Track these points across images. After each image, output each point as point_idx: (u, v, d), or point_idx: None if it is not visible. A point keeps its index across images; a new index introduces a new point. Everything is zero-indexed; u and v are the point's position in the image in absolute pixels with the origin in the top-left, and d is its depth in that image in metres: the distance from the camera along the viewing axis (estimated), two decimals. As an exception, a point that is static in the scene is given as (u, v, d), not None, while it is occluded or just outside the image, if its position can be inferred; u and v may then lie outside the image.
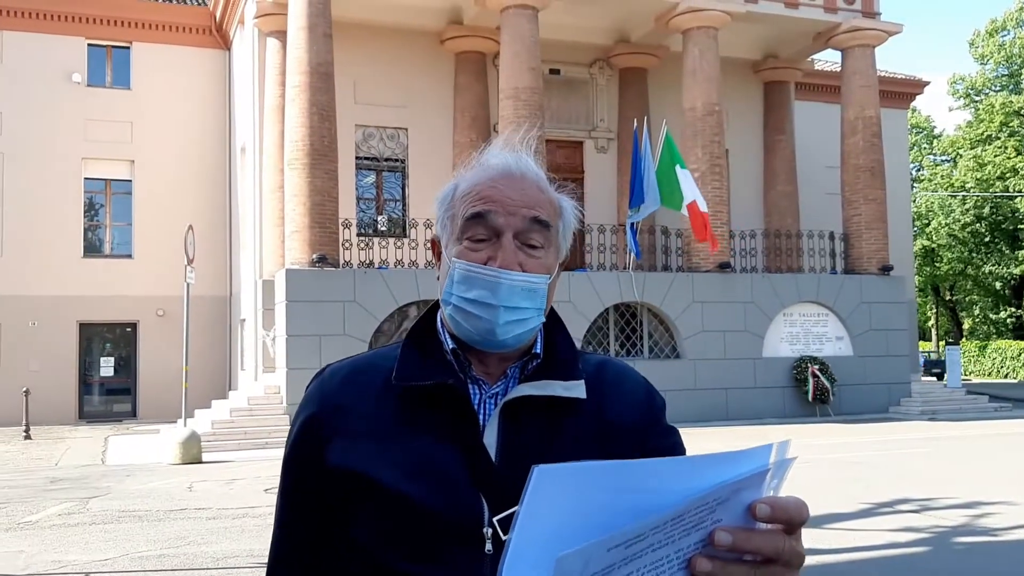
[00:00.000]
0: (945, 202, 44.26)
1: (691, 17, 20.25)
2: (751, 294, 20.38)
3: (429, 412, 1.27)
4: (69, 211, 23.65)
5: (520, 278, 1.27)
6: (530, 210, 1.30)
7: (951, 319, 52.02)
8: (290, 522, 1.34)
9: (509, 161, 1.35)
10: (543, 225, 1.31)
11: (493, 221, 1.29)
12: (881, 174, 21.73)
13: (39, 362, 22.90)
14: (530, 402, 1.28)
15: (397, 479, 1.23)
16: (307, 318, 17.18)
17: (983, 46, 44.66)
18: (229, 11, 23.86)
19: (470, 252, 1.30)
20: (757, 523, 0.88)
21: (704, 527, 0.86)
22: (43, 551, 7.91)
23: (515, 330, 1.28)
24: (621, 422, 1.32)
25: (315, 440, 1.31)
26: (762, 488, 0.88)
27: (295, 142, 17.88)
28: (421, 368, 1.30)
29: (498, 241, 1.29)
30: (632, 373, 1.43)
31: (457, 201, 1.34)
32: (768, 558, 0.89)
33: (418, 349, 1.34)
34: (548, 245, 1.33)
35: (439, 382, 1.27)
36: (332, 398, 1.33)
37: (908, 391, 21.51)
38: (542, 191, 1.34)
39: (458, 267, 1.29)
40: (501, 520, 1.19)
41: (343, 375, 1.36)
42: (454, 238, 1.32)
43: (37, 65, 23.51)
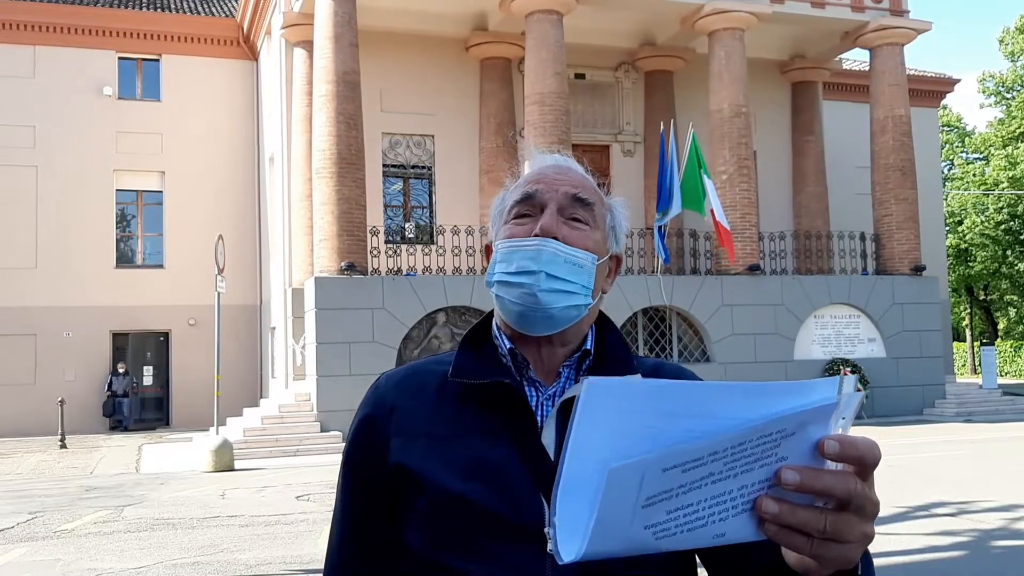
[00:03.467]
0: (979, 201, 43.71)
1: (717, 19, 20.16)
2: (781, 296, 20.23)
3: (486, 412, 1.27)
4: (101, 222, 23.96)
5: (562, 248, 1.28)
6: (573, 188, 1.33)
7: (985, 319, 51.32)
8: (350, 525, 1.35)
9: (557, 157, 1.40)
10: (585, 203, 1.32)
11: (538, 198, 1.31)
12: (912, 173, 21.49)
13: (74, 372, 23.20)
14: None
15: (454, 479, 1.23)
16: (336, 326, 17.26)
17: (1013, 43, 44.05)
18: (256, 22, 24.08)
19: (514, 227, 1.32)
20: (825, 463, 0.83)
21: (769, 464, 0.82)
22: (79, 559, 7.99)
23: (560, 301, 1.27)
24: None
25: (371, 440, 1.32)
26: (829, 425, 0.83)
27: (323, 151, 17.99)
28: (478, 368, 1.30)
29: (541, 215, 1.30)
30: (687, 374, 1.40)
31: (508, 197, 1.37)
32: (839, 502, 0.84)
33: (474, 350, 1.34)
34: (593, 225, 1.33)
35: (496, 380, 1.27)
36: (387, 399, 1.34)
37: (943, 392, 21.24)
38: (586, 180, 1.37)
39: (500, 247, 1.31)
40: None
41: (398, 379, 1.37)
42: (501, 224, 1.35)
43: (69, 79, 23.86)
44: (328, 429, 16.95)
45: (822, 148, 24.25)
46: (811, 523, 0.83)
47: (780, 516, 0.82)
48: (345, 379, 17.06)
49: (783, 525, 0.83)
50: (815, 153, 24.10)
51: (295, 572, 7.32)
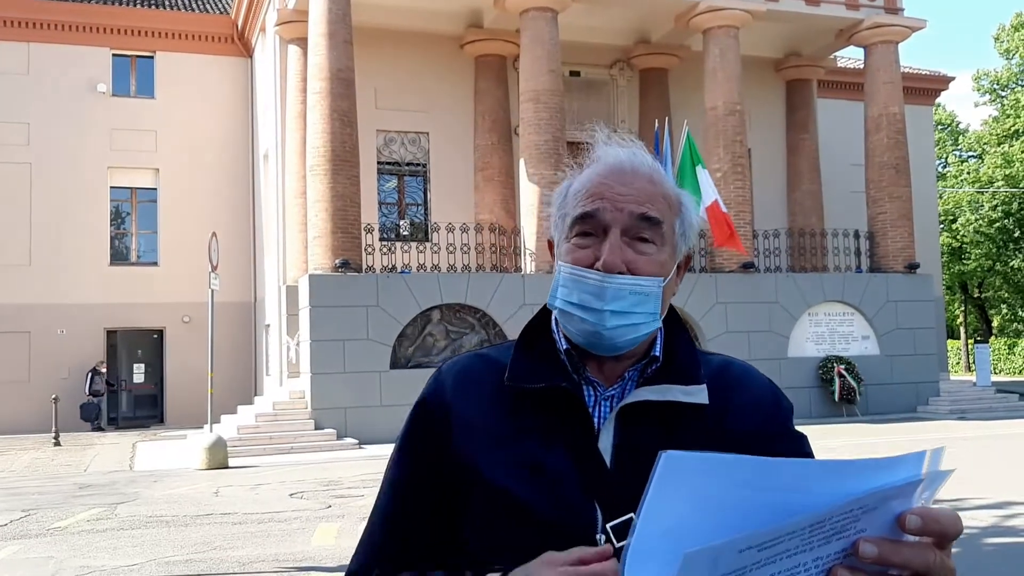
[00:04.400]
0: (973, 198, 43.79)
1: (711, 16, 20.17)
2: (775, 294, 20.26)
3: (542, 414, 1.23)
4: (96, 220, 23.91)
5: (628, 281, 1.22)
6: (639, 206, 1.25)
7: (980, 316, 51.43)
8: (396, 514, 1.30)
9: (621, 156, 1.30)
10: (652, 222, 1.25)
11: (600, 218, 1.24)
12: (906, 171, 21.53)
13: (68, 369, 23.15)
14: (648, 407, 1.23)
15: (508, 479, 1.21)
16: (331, 323, 17.25)
17: (1008, 41, 44.13)
18: (251, 19, 24.04)
19: (577, 250, 1.26)
20: (905, 535, 0.82)
21: (847, 536, 0.81)
22: (72, 557, 7.98)
23: (626, 335, 1.23)
24: (744, 429, 1.26)
25: (429, 431, 1.29)
26: (912, 498, 0.83)
27: (317, 148, 17.97)
28: (534, 369, 1.27)
29: (605, 238, 1.24)
30: (757, 375, 1.36)
31: (569, 199, 1.31)
32: (916, 573, 0.82)
33: (531, 349, 1.31)
34: (661, 243, 1.26)
35: (552, 385, 1.24)
36: (446, 393, 1.31)
37: (936, 390, 21.29)
38: (655, 184, 1.28)
39: (563, 270, 1.26)
40: (615, 527, 1.16)
41: (457, 370, 1.34)
42: (563, 237, 1.30)
43: (63, 76, 23.80)
44: (322, 427, 16.93)
45: (816, 146, 24.29)
46: None
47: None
48: (339, 376, 17.06)
49: None
50: (809, 151, 24.14)
51: (288, 570, 7.31)
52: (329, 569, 7.29)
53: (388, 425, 16.92)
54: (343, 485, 12.06)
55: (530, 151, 18.82)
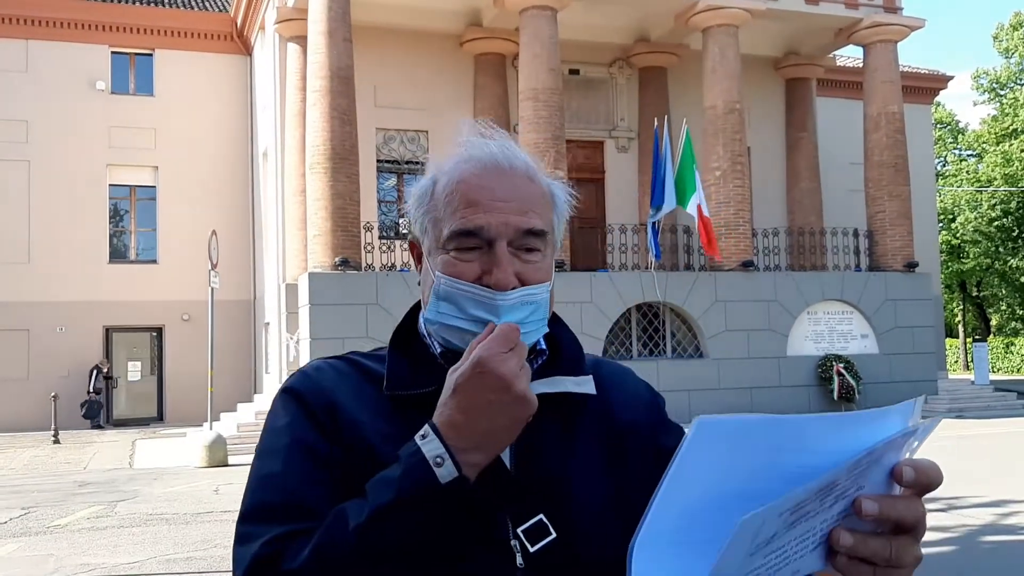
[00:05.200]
0: (972, 197, 43.83)
1: (711, 15, 20.17)
2: (775, 293, 20.27)
3: (427, 419, 1.09)
4: (95, 217, 23.91)
5: (521, 294, 1.15)
6: (525, 217, 1.17)
7: (978, 315, 51.48)
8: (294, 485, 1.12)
9: (495, 152, 1.20)
10: (539, 235, 1.19)
11: (484, 235, 1.15)
12: (905, 170, 21.55)
13: (67, 367, 23.16)
14: (541, 401, 1.13)
15: None
16: (330, 321, 17.26)
17: (1007, 40, 44.18)
18: (250, 17, 24.04)
19: (458, 263, 1.17)
20: (895, 488, 0.83)
21: (849, 496, 0.81)
22: (72, 554, 8.00)
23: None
24: (630, 422, 1.25)
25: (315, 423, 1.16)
26: (902, 451, 0.83)
27: (316, 146, 17.98)
28: (414, 375, 1.19)
29: (491, 251, 1.15)
30: (629, 371, 1.36)
31: (439, 201, 1.20)
32: (906, 527, 0.83)
33: (405, 355, 1.23)
34: (545, 248, 1.21)
35: (436, 388, 1.12)
36: (324, 393, 1.19)
37: (935, 389, 21.32)
38: (533, 181, 1.21)
39: (443, 283, 1.17)
40: (526, 531, 1.11)
41: (330, 372, 1.23)
42: (437, 245, 1.19)
43: (62, 73, 23.79)
44: (322, 424, 16.92)
45: (815, 144, 24.30)
46: (880, 552, 0.82)
47: (854, 548, 0.81)
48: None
49: (855, 557, 0.82)
50: (809, 149, 24.15)
51: (288, 567, 7.32)
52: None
53: (387, 423, 16.94)
54: (342, 483, 12.07)
55: (529, 149, 18.15)
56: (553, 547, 1.11)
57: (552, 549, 1.11)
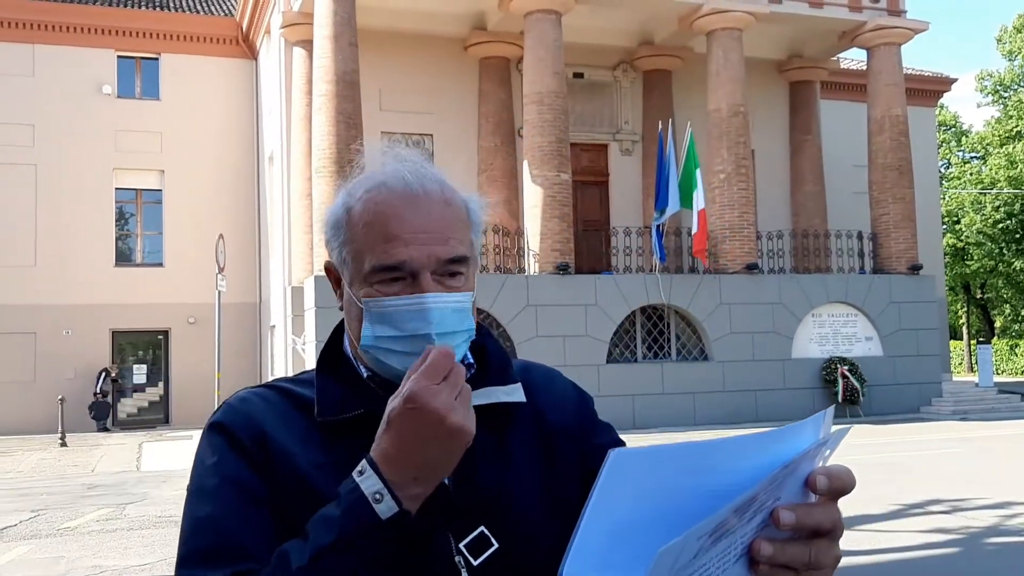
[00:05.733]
0: (976, 199, 43.81)
1: (715, 18, 20.23)
2: (779, 295, 20.31)
3: (362, 441, 1.08)
4: (101, 221, 24.01)
5: (449, 299, 1.16)
6: (446, 247, 1.16)
7: (982, 317, 51.44)
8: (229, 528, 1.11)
9: (406, 178, 1.17)
10: (461, 261, 1.18)
11: (408, 268, 1.15)
12: (909, 173, 21.59)
13: (73, 370, 23.25)
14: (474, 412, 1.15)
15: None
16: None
17: (1011, 42, 44.17)
18: (256, 22, 24.14)
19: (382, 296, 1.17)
20: (810, 496, 0.86)
21: (767, 507, 0.84)
22: (82, 556, 8.07)
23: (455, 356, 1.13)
24: (559, 424, 1.27)
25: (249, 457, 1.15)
26: (816, 460, 0.86)
27: (322, 150, 18.06)
28: (343, 399, 1.18)
29: (415, 281, 1.15)
30: (557, 373, 1.37)
31: (356, 231, 1.18)
32: (823, 531, 0.87)
33: (334, 378, 1.22)
34: (468, 269, 1.20)
35: (367, 411, 1.14)
36: (252, 425, 1.17)
37: (939, 391, 21.34)
38: (449, 205, 1.19)
39: (372, 307, 1.16)
40: (468, 545, 1.13)
41: (257, 402, 1.21)
42: (360, 278, 1.18)
43: (68, 78, 23.90)
44: (328, 427, 16.99)
45: (819, 147, 24.34)
46: (799, 557, 0.86)
47: (774, 557, 0.85)
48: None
49: (776, 565, 0.86)
50: (813, 152, 24.19)
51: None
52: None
53: (393, 426, 17.01)
54: (349, 485, 12.12)
55: (534, 153, 18.89)
56: (496, 557, 1.13)
57: (495, 559, 1.13)
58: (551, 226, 18.80)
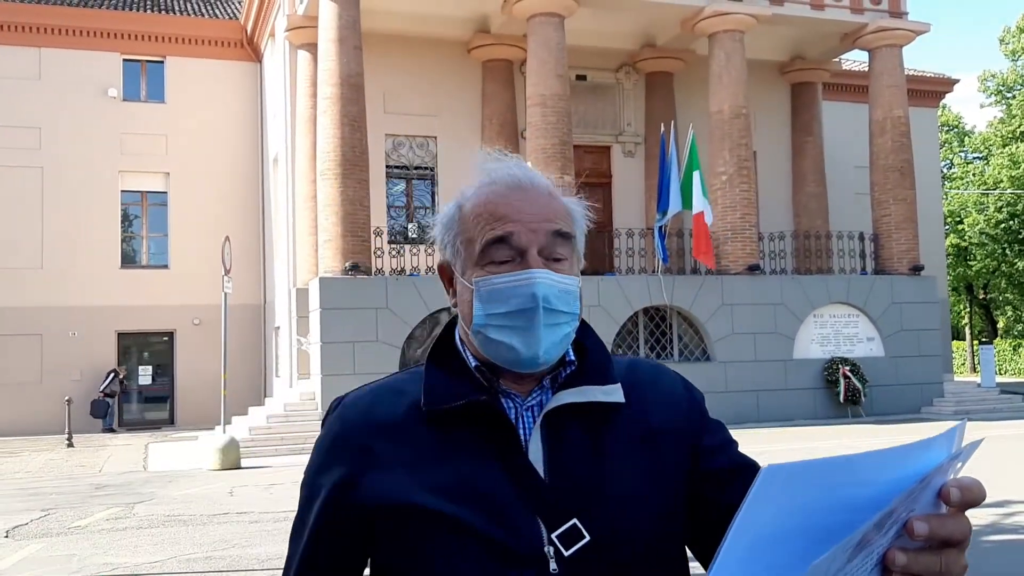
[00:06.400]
0: (979, 200, 43.86)
1: (717, 21, 20.33)
2: (781, 296, 20.41)
3: (466, 433, 1.21)
4: (106, 223, 24.17)
5: (556, 277, 1.22)
6: (550, 223, 1.24)
7: (985, 318, 51.47)
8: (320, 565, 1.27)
9: (516, 173, 1.28)
10: (565, 237, 1.26)
11: (515, 241, 1.22)
12: (910, 174, 21.67)
13: (79, 371, 23.40)
14: (571, 411, 1.23)
15: (443, 502, 1.17)
16: (341, 325, 17.46)
17: (1014, 42, 44.21)
18: (260, 25, 24.28)
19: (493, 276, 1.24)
20: (942, 506, 0.88)
21: (902, 519, 0.85)
22: (94, 554, 8.20)
23: (555, 337, 1.22)
24: (664, 423, 1.29)
25: (344, 481, 1.23)
26: (949, 473, 0.88)
27: (327, 153, 18.18)
28: (449, 389, 1.24)
29: (523, 260, 1.22)
30: (665, 371, 1.38)
31: (468, 223, 1.28)
32: (954, 542, 0.88)
33: (442, 370, 1.29)
34: (571, 256, 1.27)
35: (471, 400, 1.22)
36: (356, 432, 1.26)
37: (941, 391, 21.42)
38: (555, 198, 1.28)
39: (483, 286, 1.23)
40: (560, 536, 1.16)
41: (364, 405, 1.29)
42: (472, 263, 1.26)
43: (74, 81, 24.07)
44: (333, 428, 17.11)
45: (821, 148, 24.42)
46: (931, 567, 0.88)
47: (908, 566, 0.86)
48: (349, 378, 17.23)
49: (908, 574, 0.87)
50: (814, 153, 24.28)
51: (305, 566, 7.49)
52: (345, 566, 7.47)
53: (397, 426, 17.13)
54: (355, 485, 12.24)
55: (537, 155, 19.00)
56: (587, 550, 1.16)
57: (586, 552, 1.16)
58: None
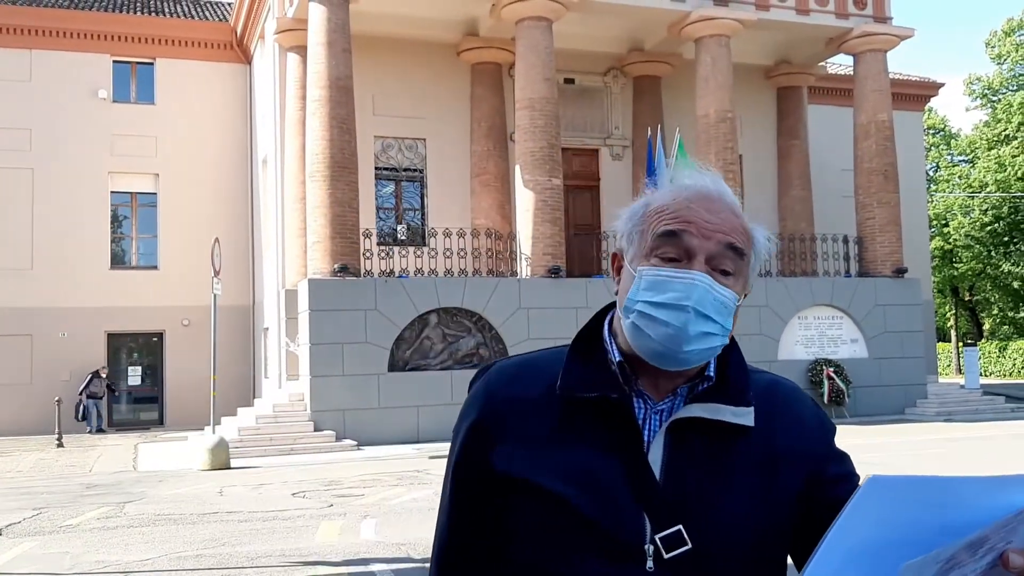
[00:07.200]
0: (965, 203, 44.23)
1: (703, 25, 20.53)
2: (766, 298, 20.62)
3: (592, 422, 1.25)
4: (96, 224, 24.23)
5: (715, 286, 1.24)
6: (725, 235, 1.26)
7: (971, 320, 51.88)
8: (458, 525, 1.36)
9: (706, 182, 1.31)
10: (737, 252, 1.27)
11: (687, 242, 1.25)
12: (894, 177, 21.91)
13: (69, 372, 23.46)
14: (698, 424, 1.26)
15: (559, 483, 1.22)
16: (330, 327, 17.58)
17: (1000, 46, 44.59)
18: (250, 27, 24.37)
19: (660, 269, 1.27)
20: None
21: (998, 548, 0.87)
22: (87, 552, 8.33)
23: (701, 344, 1.24)
24: (792, 449, 1.30)
25: (480, 445, 1.31)
26: None
27: (316, 155, 18.30)
28: (586, 379, 1.28)
29: (689, 263, 1.25)
30: (803, 397, 1.40)
31: (649, 216, 1.30)
32: None
33: (583, 357, 1.31)
34: (739, 274, 1.28)
35: (604, 395, 1.25)
36: (496, 402, 1.32)
37: (924, 392, 21.66)
38: (736, 216, 1.30)
39: (646, 274, 1.25)
40: (664, 538, 1.19)
41: (507, 377, 1.35)
42: (641, 254, 1.28)
43: (64, 82, 24.12)
44: (321, 428, 17.27)
45: (807, 152, 24.64)
46: None
47: None
48: (338, 379, 17.39)
49: None
50: (800, 157, 24.50)
51: (294, 564, 7.65)
52: (334, 563, 7.64)
53: (386, 427, 17.31)
54: (343, 485, 12.41)
55: (525, 158, 19.17)
56: (686, 557, 1.19)
57: (685, 559, 1.19)
58: (543, 230, 19.07)
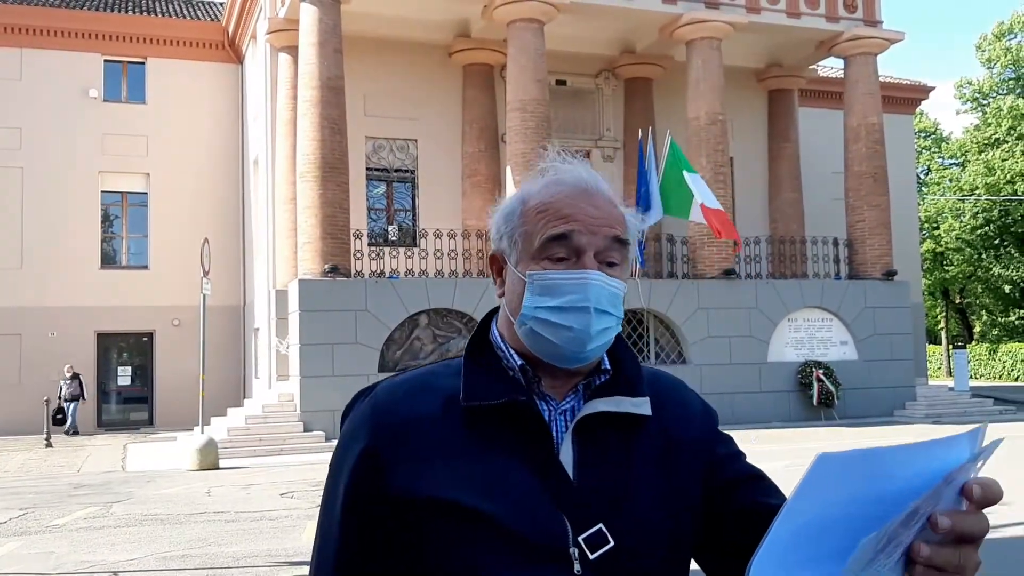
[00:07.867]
0: (955, 206, 44.40)
1: (694, 28, 20.59)
2: (756, 300, 20.68)
3: (499, 430, 1.22)
4: (86, 223, 24.17)
5: (608, 281, 1.25)
6: (611, 228, 1.27)
7: (961, 322, 52.06)
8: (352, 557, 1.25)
9: (584, 176, 1.30)
10: (621, 243, 1.29)
11: (576, 241, 1.25)
12: (884, 180, 22.00)
13: (58, 372, 23.38)
14: (602, 419, 1.26)
15: (474, 497, 1.18)
16: (320, 327, 17.58)
17: (990, 50, 44.77)
18: (241, 27, 24.35)
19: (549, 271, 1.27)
20: (963, 504, 0.92)
21: (926, 513, 0.89)
22: (72, 552, 8.31)
23: (602, 339, 1.26)
24: (684, 436, 1.32)
25: (375, 471, 1.22)
26: (971, 471, 0.92)
27: (307, 155, 18.30)
28: (489, 386, 1.25)
29: (579, 260, 1.25)
30: (684, 385, 1.44)
31: (530, 217, 1.29)
32: (972, 538, 0.92)
33: (480, 366, 1.29)
34: (623, 262, 1.30)
35: (510, 400, 1.23)
36: (389, 422, 1.25)
37: (913, 395, 21.74)
38: (615, 205, 1.31)
39: (537, 280, 1.25)
40: (587, 539, 1.19)
41: (399, 396, 1.28)
42: (528, 256, 1.28)
43: (55, 81, 24.06)
44: (311, 429, 17.26)
45: (798, 154, 24.71)
46: (950, 560, 0.92)
47: (931, 558, 0.91)
48: (328, 380, 17.38)
49: (930, 566, 0.91)
50: (791, 159, 24.57)
51: (280, 564, 7.65)
52: (319, 563, 7.62)
53: (376, 427, 17.27)
54: (332, 485, 12.38)
55: (516, 159, 19.18)
56: (610, 555, 1.19)
57: (609, 557, 1.19)
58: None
